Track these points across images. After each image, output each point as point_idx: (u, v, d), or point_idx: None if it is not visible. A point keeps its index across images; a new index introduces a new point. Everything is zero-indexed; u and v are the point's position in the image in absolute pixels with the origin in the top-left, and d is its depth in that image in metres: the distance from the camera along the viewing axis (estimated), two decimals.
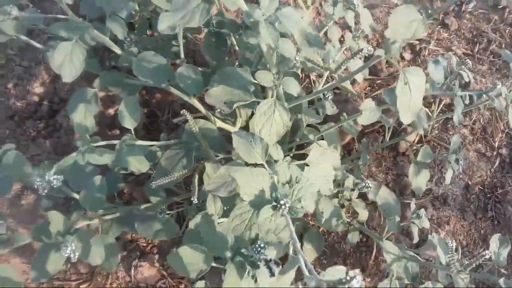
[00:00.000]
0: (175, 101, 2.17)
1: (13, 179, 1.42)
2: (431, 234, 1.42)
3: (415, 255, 1.42)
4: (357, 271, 0.64)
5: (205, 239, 1.05)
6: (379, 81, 2.07)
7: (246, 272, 0.96)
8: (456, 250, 1.16)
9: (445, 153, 1.77)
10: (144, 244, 1.85)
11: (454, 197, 1.88)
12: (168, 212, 1.58)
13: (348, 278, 0.64)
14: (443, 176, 1.90)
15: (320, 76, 2.01)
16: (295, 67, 1.41)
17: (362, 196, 1.74)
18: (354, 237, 1.65)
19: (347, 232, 1.78)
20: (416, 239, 1.46)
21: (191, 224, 1.27)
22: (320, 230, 1.80)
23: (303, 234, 1.69)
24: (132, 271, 1.78)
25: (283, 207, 0.87)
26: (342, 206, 1.71)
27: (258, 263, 0.94)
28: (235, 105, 1.29)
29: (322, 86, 1.58)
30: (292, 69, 1.46)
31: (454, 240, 1.16)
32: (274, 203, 0.89)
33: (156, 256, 1.82)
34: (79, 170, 1.47)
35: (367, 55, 1.11)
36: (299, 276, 0.88)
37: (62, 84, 2.18)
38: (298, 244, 0.79)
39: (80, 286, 1.77)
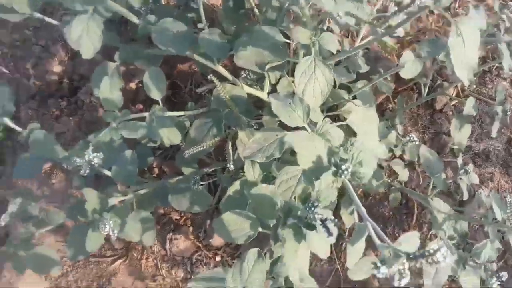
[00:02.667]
0: (196, 72, 2.11)
1: (43, 158, 1.40)
2: (477, 192, 1.35)
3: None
4: (442, 243, 0.57)
5: (252, 203, 1.00)
6: (408, 38, 1.97)
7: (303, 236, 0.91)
8: (510, 205, 1.09)
9: (486, 106, 1.68)
10: (177, 217, 1.82)
11: (496, 153, 1.80)
12: (201, 183, 1.54)
13: (431, 250, 0.57)
14: (484, 132, 1.81)
15: (346, 35, 1.92)
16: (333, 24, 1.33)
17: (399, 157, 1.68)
18: (396, 198, 1.59)
19: (385, 195, 1.73)
20: (466, 196, 1.39)
21: (230, 191, 1.22)
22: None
23: (339, 199, 1.63)
24: (167, 244, 1.76)
25: (345, 172, 0.81)
26: (380, 167, 1.64)
27: (314, 222, 0.89)
28: (267, 66, 1.22)
29: (360, 43, 1.49)
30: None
31: (510, 195, 1.09)
32: (334, 169, 0.83)
33: (190, 229, 1.80)
34: (109, 146, 1.44)
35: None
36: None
37: (81, 60, 2.15)
38: (364, 210, 0.73)
39: (116, 262, 1.76)
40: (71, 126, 2.02)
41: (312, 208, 0.89)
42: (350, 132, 1.18)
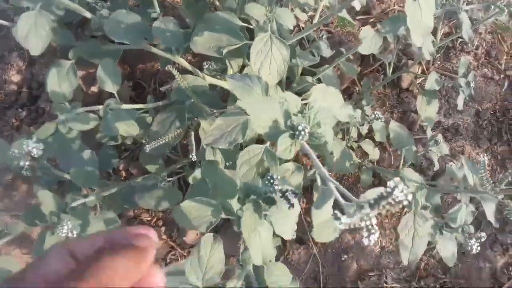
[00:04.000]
0: (160, 71, 2.07)
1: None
2: (448, 164, 1.33)
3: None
4: (398, 179, 0.54)
5: (212, 185, 0.96)
6: (371, 20, 1.96)
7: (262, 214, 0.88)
8: (484, 165, 1.07)
9: (451, 82, 1.68)
10: (148, 218, 1.76)
11: (465, 126, 1.79)
12: (169, 179, 1.49)
13: (389, 189, 0.54)
14: (451, 107, 1.81)
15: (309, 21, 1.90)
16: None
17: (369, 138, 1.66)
18: (367, 177, 1.57)
19: (357, 177, 1.70)
20: (437, 166, 1.38)
21: (191, 180, 1.18)
22: None
23: (312, 185, 1.60)
24: None
25: (302, 132, 0.77)
26: (351, 149, 1.62)
27: (273, 195, 0.85)
28: (225, 50, 1.18)
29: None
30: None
31: (484, 155, 1.07)
32: (291, 131, 0.80)
33: (163, 229, 1.74)
34: (67, 148, 1.38)
35: None
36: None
37: (40, 68, 2.08)
38: (325, 171, 0.69)
39: None
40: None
41: (272, 181, 0.85)
42: None
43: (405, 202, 0.53)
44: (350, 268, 1.63)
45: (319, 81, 1.53)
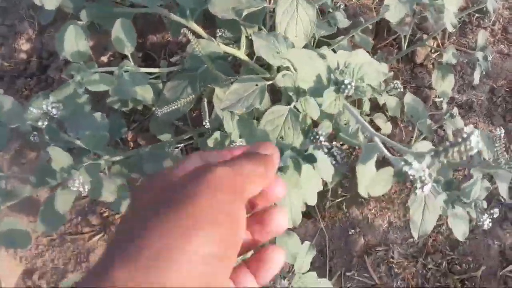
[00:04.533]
0: (170, 42, 2.04)
1: (9, 127, 1.32)
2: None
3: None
4: (471, 126, 0.51)
5: (245, 139, 0.95)
6: None
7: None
8: (500, 139, 1.05)
9: (467, 57, 1.65)
10: None
11: (479, 103, 1.76)
12: (177, 145, 1.48)
13: (464, 135, 0.50)
14: (465, 83, 1.78)
15: None
16: None
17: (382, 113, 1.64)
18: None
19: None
20: (452, 140, 1.35)
21: (209, 143, 1.16)
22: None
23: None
24: None
25: (348, 86, 0.75)
26: None
27: (319, 150, 0.84)
28: (245, 12, 1.15)
29: None
30: None
31: (500, 129, 1.05)
32: (336, 86, 0.78)
33: None
34: (77, 113, 1.36)
35: None
36: None
37: (49, 37, 2.07)
38: (369, 126, 0.68)
39: (94, 238, 1.69)
40: None
41: (317, 137, 0.84)
42: None
43: (475, 151, 0.50)
44: (357, 242, 1.63)
45: (334, 51, 1.51)
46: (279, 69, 1.24)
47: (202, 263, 0.36)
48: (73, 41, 1.24)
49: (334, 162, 0.84)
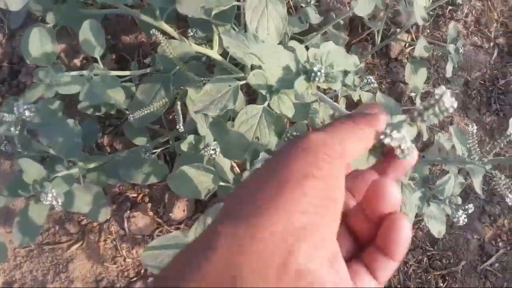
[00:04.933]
0: (144, 43, 2.01)
1: None
2: (437, 135, 1.31)
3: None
4: (443, 87, 0.50)
5: (220, 143, 0.93)
6: None
7: None
8: (473, 135, 1.05)
9: (440, 50, 1.65)
10: (134, 195, 1.73)
11: (454, 96, 1.77)
12: (154, 151, 1.45)
13: (436, 97, 0.49)
14: (440, 77, 1.79)
15: None
16: None
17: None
18: None
19: None
20: (426, 136, 1.36)
21: (183, 147, 1.14)
22: None
23: None
24: (125, 223, 1.66)
25: (318, 73, 0.74)
26: None
27: None
28: (214, 11, 1.13)
29: None
30: None
31: (473, 125, 1.05)
32: (305, 75, 0.76)
33: (149, 205, 1.70)
34: (49, 119, 1.33)
35: None
36: None
37: (19, 42, 2.02)
38: (344, 109, 0.66)
39: (72, 247, 1.65)
40: None
41: (291, 137, 0.83)
42: None
43: (451, 111, 0.49)
44: None
45: (307, 48, 1.49)
46: (253, 67, 1.22)
47: (300, 212, 0.37)
48: (38, 44, 1.21)
49: None
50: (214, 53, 1.49)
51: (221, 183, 1.01)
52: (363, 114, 0.47)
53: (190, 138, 1.16)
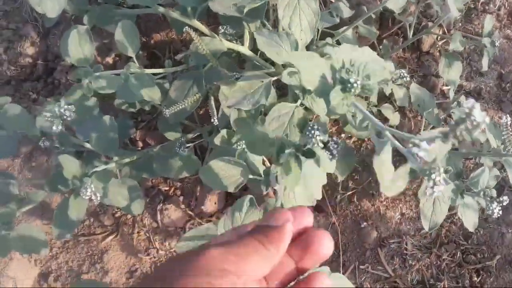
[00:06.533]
0: (174, 40, 2.04)
1: (18, 135, 1.33)
2: None
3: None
4: (472, 100, 0.49)
5: (244, 140, 0.95)
6: None
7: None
8: (507, 127, 1.04)
9: (473, 44, 1.63)
10: (166, 188, 1.76)
11: (488, 89, 1.75)
12: (187, 146, 1.48)
13: (467, 110, 0.48)
14: (473, 70, 1.76)
15: None
16: None
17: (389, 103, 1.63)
18: None
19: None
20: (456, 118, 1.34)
21: (216, 141, 1.16)
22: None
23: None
24: (158, 216, 1.70)
25: (354, 85, 0.74)
26: (371, 113, 1.59)
27: (315, 146, 0.84)
28: (246, 9, 1.14)
29: None
30: None
31: (507, 116, 1.04)
32: (342, 85, 0.77)
33: (181, 198, 1.74)
34: (86, 116, 1.37)
35: None
36: None
37: (54, 40, 2.07)
38: (378, 121, 0.67)
39: (107, 238, 1.70)
40: None
41: (312, 131, 0.84)
42: None
43: (483, 126, 0.48)
44: (369, 235, 1.62)
45: (338, 43, 1.49)
46: (285, 65, 1.23)
47: None
48: (78, 46, 1.25)
49: (330, 157, 0.84)
50: (245, 49, 1.50)
51: (250, 176, 1.02)
52: (268, 229, 0.42)
53: (223, 132, 1.18)
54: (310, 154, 0.87)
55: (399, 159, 1.42)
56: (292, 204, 0.95)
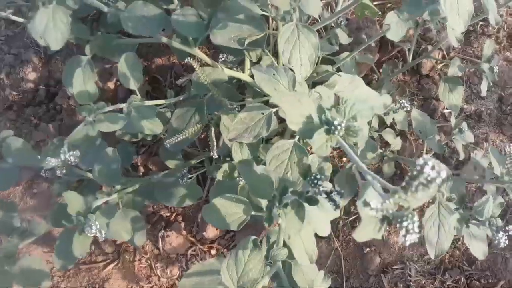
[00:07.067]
0: (176, 64, 2.05)
1: (19, 167, 1.33)
2: (472, 153, 1.30)
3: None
4: (427, 156, 0.51)
5: (247, 182, 0.94)
6: (389, 5, 1.92)
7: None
8: (510, 155, 1.04)
9: (473, 67, 1.63)
10: (168, 214, 1.76)
11: (488, 112, 1.75)
12: (189, 176, 1.47)
13: (418, 167, 0.50)
14: (473, 93, 1.77)
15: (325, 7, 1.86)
16: None
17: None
18: (390, 168, 1.54)
19: (378, 167, 1.67)
20: (462, 156, 1.34)
21: (219, 176, 1.16)
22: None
23: (332, 176, 1.58)
24: (160, 242, 1.69)
25: (338, 127, 0.74)
26: (372, 139, 1.59)
27: (318, 196, 0.83)
28: (247, 41, 1.15)
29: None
30: None
31: (510, 145, 1.04)
32: (326, 127, 0.76)
33: (182, 224, 1.74)
34: (87, 145, 1.37)
35: None
36: None
37: (56, 65, 2.08)
38: (364, 166, 0.67)
39: (108, 266, 1.69)
40: (50, 133, 1.96)
41: (315, 181, 0.83)
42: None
43: (438, 180, 0.50)
44: (373, 261, 1.61)
45: (338, 70, 1.50)
46: None
47: None
48: (82, 84, 1.26)
49: (334, 208, 0.83)
50: (245, 76, 1.51)
51: (253, 213, 1.02)
52: None
53: (225, 166, 1.18)
54: (314, 202, 0.86)
55: None
56: (297, 247, 0.94)
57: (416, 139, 1.71)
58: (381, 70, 1.70)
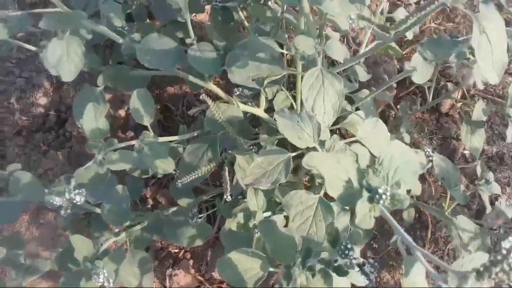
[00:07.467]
0: (188, 93, 2.02)
1: (25, 201, 1.28)
2: (496, 201, 1.25)
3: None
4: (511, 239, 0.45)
5: (268, 243, 0.88)
6: (406, 39, 1.88)
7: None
8: None
9: (495, 107, 1.58)
10: (176, 251, 1.70)
11: (511, 155, 1.69)
12: (200, 215, 1.42)
13: (504, 251, 0.44)
14: (495, 133, 1.71)
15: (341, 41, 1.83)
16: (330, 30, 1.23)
17: None
18: (410, 215, 1.47)
19: (395, 211, 1.61)
20: (489, 209, 1.28)
21: (232, 225, 1.11)
22: None
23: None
24: (167, 281, 1.63)
25: (383, 196, 0.68)
26: None
27: (349, 270, 0.78)
28: (266, 81, 1.11)
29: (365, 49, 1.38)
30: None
31: None
32: (368, 194, 0.70)
33: (191, 262, 1.68)
34: (96, 181, 1.33)
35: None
36: None
37: (67, 91, 2.06)
38: (410, 239, 0.61)
39: None
40: (59, 161, 1.92)
41: (347, 252, 0.77)
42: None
43: None
44: None
45: (357, 109, 1.46)
46: None
47: None
48: (93, 120, 1.22)
49: (367, 282, 0.78)
50: (261, 112, 1.47)
51: (271, 269, 0.96)
52: None
53: (240, 217, 1.13)
54: (343, 273, 0.80)
55: None
56: None
57: (435, 180, 1.65)
58: (398, 107, 1.66)
